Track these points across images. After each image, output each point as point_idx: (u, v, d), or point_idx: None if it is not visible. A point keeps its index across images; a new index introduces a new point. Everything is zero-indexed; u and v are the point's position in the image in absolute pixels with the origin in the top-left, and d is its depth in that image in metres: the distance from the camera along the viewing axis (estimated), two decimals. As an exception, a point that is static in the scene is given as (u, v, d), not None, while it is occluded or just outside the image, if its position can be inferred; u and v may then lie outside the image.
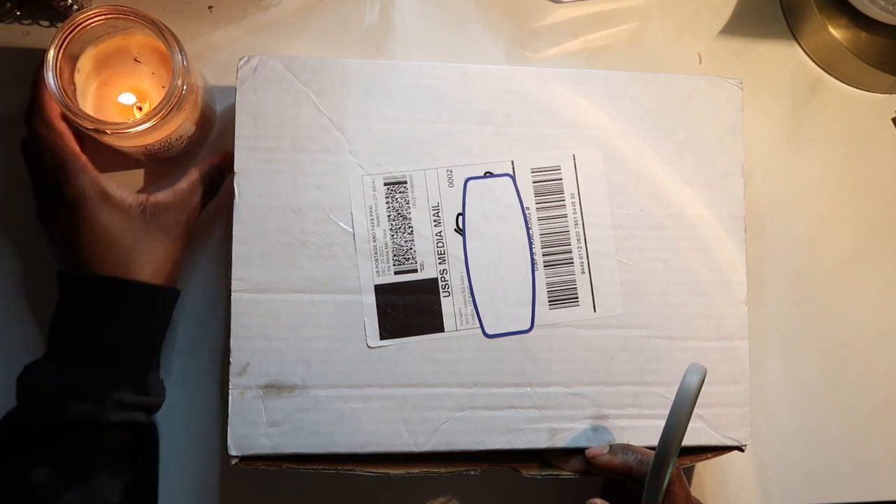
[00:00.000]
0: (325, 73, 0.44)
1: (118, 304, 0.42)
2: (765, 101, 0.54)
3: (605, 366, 0.45)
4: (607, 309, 0.46)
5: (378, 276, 0.44)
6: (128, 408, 0.41)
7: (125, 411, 0.41)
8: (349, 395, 0.43)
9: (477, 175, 0.45)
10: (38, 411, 0.40)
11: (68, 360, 0.42)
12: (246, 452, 0.42)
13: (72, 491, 0.40)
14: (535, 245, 0.45)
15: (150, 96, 0.45)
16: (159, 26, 0.41)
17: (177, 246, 0.44)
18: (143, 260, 0.43)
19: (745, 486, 0.52)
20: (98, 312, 0.42)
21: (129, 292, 0.42)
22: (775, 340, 0.53)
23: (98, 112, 0.44)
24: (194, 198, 0.45)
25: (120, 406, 0.41)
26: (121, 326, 0.42)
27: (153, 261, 0.43)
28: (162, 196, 0.44)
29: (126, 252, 0.42)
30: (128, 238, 0.42)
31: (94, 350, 0.42)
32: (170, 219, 0.44)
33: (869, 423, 0.53)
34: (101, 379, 0.41)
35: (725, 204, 0.47)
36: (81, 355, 0.41)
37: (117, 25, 0.42)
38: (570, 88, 0.46)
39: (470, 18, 0.53)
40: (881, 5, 0.50)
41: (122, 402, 0.41)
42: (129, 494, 0.41)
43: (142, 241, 0.43)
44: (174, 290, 0.45)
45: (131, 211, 0.43)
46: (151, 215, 0.43)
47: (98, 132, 0.40)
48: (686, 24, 0.54)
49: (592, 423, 0.45)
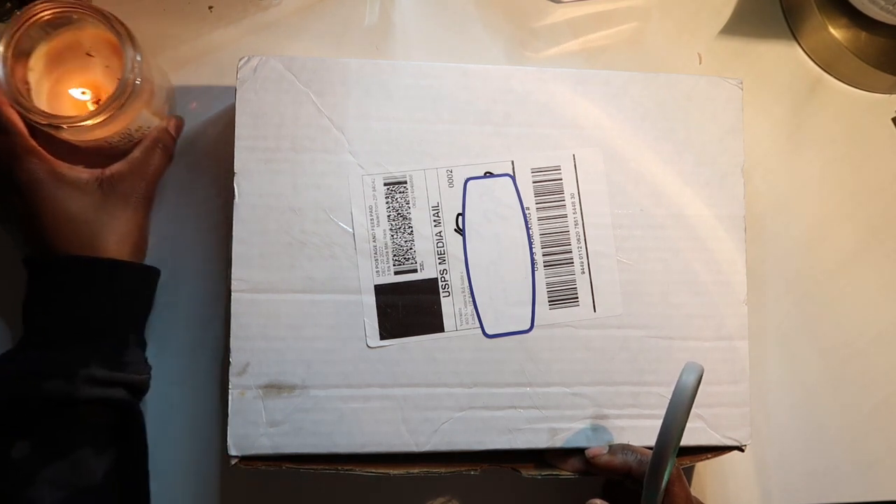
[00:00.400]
0: (325, 73, 0.44)
1: (86, 283, 0.42)
2: (765, 101, 0.54)
3: (605, 366, 0.45)
4: (607, 309, 0.46)
5: (378, 276, 0.44)
6: (102, 384, 0.41)
7: (100, 387, 0.41)
8: (349, 395, 0.43)
9: (477, 175, 0.45)
10: (12, 393, 0.40)
11: (41, 343, 0.42)
12: (246, 452, 0.42)
13: (52, 466, 0.39)
14: (535, 245, 0.45)
15: (105, 90, 0.44)
16: (109, 18, 0.41)
17: (139, 214, 0.44)
18: (108, 233, 0.43)
19: (745, 486, 0.52)
20: (66, 294, 0.42)
21: (95, 269, 0.42)
22: (775, 340, 0.53)
23: (54, 110, 0.43)
24: (150, 164, 0.45)
25: (93, 382, 0.40)
26: (91, 304, 0.42)
27: (117, 232, 0.43)
28: (117, 167, 0.44)
29: (89, 228, 0.42)
30: (89, 214, 0.42)
31: (65, 330, 0.42)
32: (128, 188, 0.44)
33: (869, 423, 0.53)
34: (72, 357, 0.41)
35: (725, 204, 0.47)
36: (53, 338, 0.41)
37: (68, 19, 0.42)
38: (570, 88, 0.46)
39: (470, 18, 0.53)
40: (881, 5, 0.50)
41: (94, 377, 0.40)
42: (116, 473, 0.41)
43: (103, 214, 0.43)
44: (141, 265, 0.45)
45: (88, 187, 0.42)
46: (109, 188, 0.43)
47: (53, 127, 0.40)
48: (686, 24, 0.54)
49: (592, 423, 0.45)
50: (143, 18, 0.50)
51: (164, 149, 0.46)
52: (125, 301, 0.43)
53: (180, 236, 0.49)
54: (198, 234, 0.48)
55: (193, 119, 0.49)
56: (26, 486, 0.39)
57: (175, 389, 0.47)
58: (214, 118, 0.50)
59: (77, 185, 0.42)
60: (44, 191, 0.41)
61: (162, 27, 0.50)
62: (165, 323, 0.48)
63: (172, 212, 0.49)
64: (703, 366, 0.37)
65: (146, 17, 0.50)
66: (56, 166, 0.42)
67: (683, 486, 0.41)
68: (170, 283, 0.48)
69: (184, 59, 0.50)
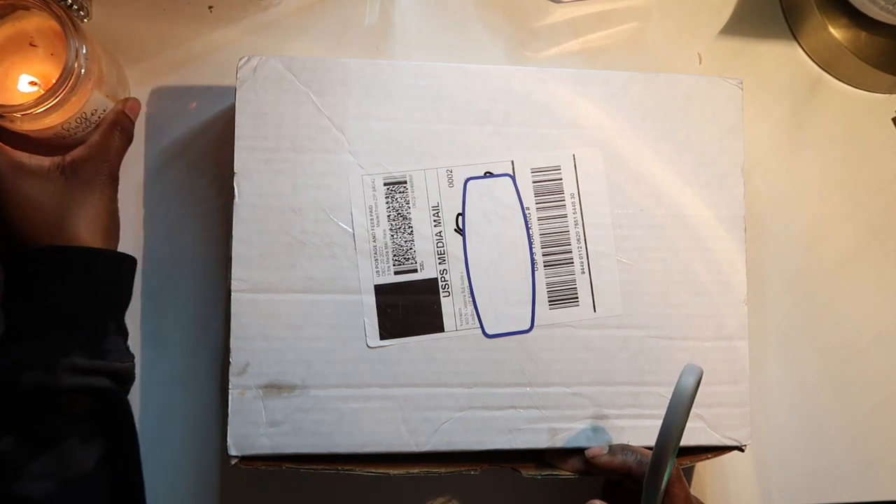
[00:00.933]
0: (325, 73, 0.44)
1: (56, 273, 0.42)
2: (765, 101, 0.54)
3: (605, 366, 0.45)
4: (607, 309, 0.46)
5: (378, 276, 0.44)
6: (83, 372, 0.41)
7: (80, 375, 0.40)
8: (349, 395, 0.43)
9: (477, 175, 0.45)
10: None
11: (15, 336, 0.41)
12: (246, 452, 0.42)
13: (38, 459, 0.39)
14: (535, 245, 0.45)
15: (55, 78, 0.43)
16: (49, 3, 0.41)
17: (105, 196, 0.44)
18: (76, 219, 0.43)
19: (745, 486, 0.52)
20: (40, 285, 0.42)
21: (65, 258, 0.42)
22: (775, 340, 0.53)
23: (5, 102, 0.43)
24: (111, 146, 0.45)
25: (73, 370, 0.40)
26: (64, 293, 0.42)
27: (85, 217, 0.43)
28: (78, 152, 0.44)
29: (57, 216, 0.42)
30: (55, 202, 0.42)
31: (37, 321, 0.41)
32: (91, 172, 0.43)
33: (869, 423, 0.53)
34: (49, 347, 0.41)
35: (725, 204, 0.47)
36: (25, 329, 0.41)
37: (8, 9, 0.42)
38: (570, 88, 0.46)
39: (470, 18, 0.53)
40: (881, 5, 0.50)
41: (74, 366, 0.40)
42: (106, 462, 0.41)
43: (69, 201, 0.43)
44: (114, 253, 0.45)
45: (51, 174, 0.42)
46: (72, 173, 0.43)
47: (5, 119, 0.40)
48: (686, 24, 0.54)
49: (592, 423, 0.45)
50: (143, 19, 0.50)
51: (123, 130, 0.46)
52: (99, 289, 0.43)
53: (180, 236, 0.49)
54: (198, 234, 0.48)
55: (193, 119, 0.50)
56: (14, 480, 0.39)
57: (175, 389, 0.47)
58: (214, 118, 0.50)
59: (38, 173, 0.42)
60: (6, 182, 0.41)
61: (162, 27, 0.50)
62: (165, 323, 0.48)
63: (172, 212, 0.49)
64: (702, 368, 0.37)
65: (146, 18, 0.50)
66: (15, 156, 0.42)
67: (683, 487, 0.41)
68: (170, 283, 0.48)
69: (184, 59, 0.50)
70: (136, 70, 0.50)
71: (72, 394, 0.40)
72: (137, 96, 0.48)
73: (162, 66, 0.50)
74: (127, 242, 0.47)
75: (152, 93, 0.49)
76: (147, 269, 0.48)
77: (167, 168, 0.49)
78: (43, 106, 0.40)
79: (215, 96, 0.49)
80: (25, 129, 0.42)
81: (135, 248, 0.48)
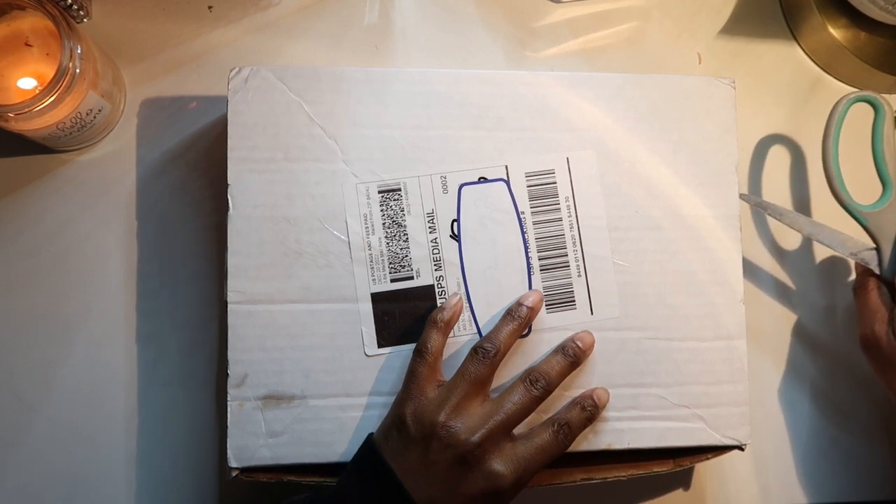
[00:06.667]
0: (316, 82, 0.44)
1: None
2: (764, 101, 0.54)
3: (604, 368, 0.45)
4: (604, 311, 0.46)
5: (374, 284, 0.44)
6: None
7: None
8: (348, 403, 0.43)
9: (471, 180, 0.45)
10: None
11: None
12: (246, 464, 0.42)
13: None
14: (530, 249, 0.45)
15: (49, 77, 0.44)
16: (43, 3, 0.41)
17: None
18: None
19: (745, 486, 0.52)
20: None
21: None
22: (774, 340, 0.53)
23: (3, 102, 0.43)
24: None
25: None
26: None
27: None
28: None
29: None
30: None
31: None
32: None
33: (869, 423, 0.53)
34: None
35: (721, 204, 0.47)
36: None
37: (1, 10, 0.42)
38: (563, 92, 0.46)
39: (470, 18, 0.53)
40: (881, 5, 0.50)
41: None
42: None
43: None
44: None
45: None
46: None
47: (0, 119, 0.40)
48: (686, 24, 0.54)
49: (592, 424, 0.45)
50: (143, 18, 0.50)
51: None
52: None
53: (179, 239, 0.49)
54: (197, 235, 0.49)
55: (192, 120, 0.50)
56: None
57: (172, 401, 0.47)
58: (214, 120, 0.50)
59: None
60: None
61: (162, 27, 0.50)
62: (163, 332, 0.48)
63: (172, 212, 0.49)
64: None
65: (146, 17, 0.50)
66: None
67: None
68: (167, 292, 0.48)
69: (184, 58, 0.50)
70: (136, 69, 0.50)
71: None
72: (136, 96, 0.49)
73: (161, 65, 0.50)
74: (119, 250, 0.47)
75: (147, 98, 0.50)
76: (142, 271, 0.49)
77: (164, 172, 0.49)
78: (37, 105, 0.40)
79: (215, 96, 0.49)
80: (20, 128, 0.42)
81: (128, 256, 0.48)
